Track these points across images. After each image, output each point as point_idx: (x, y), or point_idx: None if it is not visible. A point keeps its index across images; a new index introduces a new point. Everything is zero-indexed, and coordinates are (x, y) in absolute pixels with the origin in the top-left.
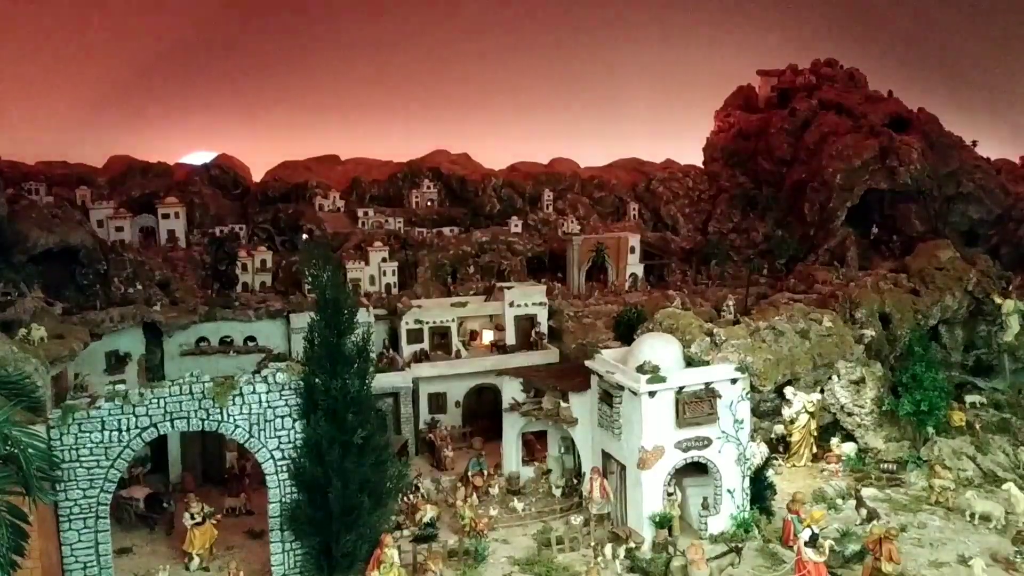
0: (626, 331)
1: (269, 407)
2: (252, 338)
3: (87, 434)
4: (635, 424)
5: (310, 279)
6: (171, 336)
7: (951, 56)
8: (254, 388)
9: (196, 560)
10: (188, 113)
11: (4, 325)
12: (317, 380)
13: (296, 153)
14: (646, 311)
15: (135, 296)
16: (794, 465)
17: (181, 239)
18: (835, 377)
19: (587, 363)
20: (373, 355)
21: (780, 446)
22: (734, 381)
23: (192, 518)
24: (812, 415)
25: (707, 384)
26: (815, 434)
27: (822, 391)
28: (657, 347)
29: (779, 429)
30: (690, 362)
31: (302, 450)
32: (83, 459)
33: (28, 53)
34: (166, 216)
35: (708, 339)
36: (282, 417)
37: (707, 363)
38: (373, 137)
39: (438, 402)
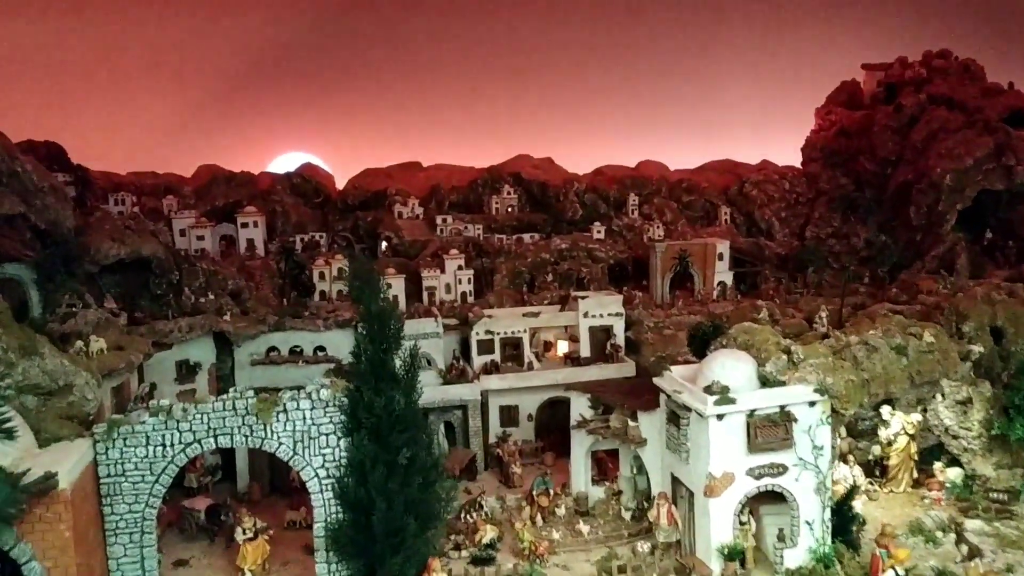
0: (701, 346)
1: (313, 424)
2: (322, 348)
3: (132, 449)
4: (703, 448)
5: (354, 293)
6: (241, 346)
7: None
8: (298, 404)
9: None
10: (276, 123)
11: (65, 337)
12: (363, 397)
13: (379, 160)
14: (724, 325)
15: (206, 306)
16: (892, 491)
17: (260, 248)
18: (939, 396)
19: (655, 380)
20: (438, 367)
21: (877, 469)
22: (812, 404)
23: (244, 533)
24: (912, 437)
25: (782, 407)
26: (916, 457)
27: (924, 411)
28: (728, 365)
29: (876, 450)
30: (764, 382)
31: (346, 469)
32: (128, 474)
33: (123, 66)
34: (245, 225)
35: (785, 357)
36: (326, 435)
37: (783, 384)
38: (456, 143)
39: (510, 415)
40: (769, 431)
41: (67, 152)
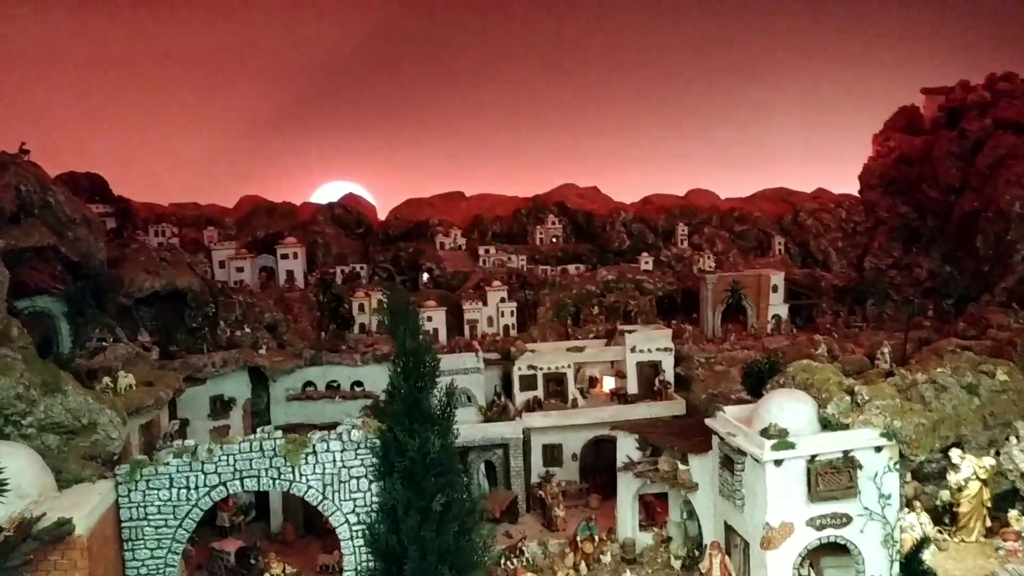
0: (756, 384)
1: (343, 467)
2: (359, 383)
3: (155, 491)
4: (759, 496)
5: (389, 327)
6: (276, 380)
7: None
8: (328, 446)
9: None
10: (320, 151)
11: (93, 372)
12: (395, 438)
13: (422, 190)
14: (781, 361)
15: (242, 340)
16: (963, 540)
17: (299, 280)
18: (1013, 438)
19: (707, 422)
20: (479, 403)
21: (946, 516)
22: (879, 449)
23: None
24: (985, 482)
25: (846, 452)
26: (988, 504)
27: (997, 454)
28: (786, 407)
29: (945, 495)
30: (826, 425)
31: (378, 515)
32: (151, 517)
33: (167, 98)
34: (285, 256)
35: (848, 398)
36: (357, 478)
37: (846, 427)
38: (500, 172)
39: (553, 454)
40: (832, 478)
41: (108, 183)
